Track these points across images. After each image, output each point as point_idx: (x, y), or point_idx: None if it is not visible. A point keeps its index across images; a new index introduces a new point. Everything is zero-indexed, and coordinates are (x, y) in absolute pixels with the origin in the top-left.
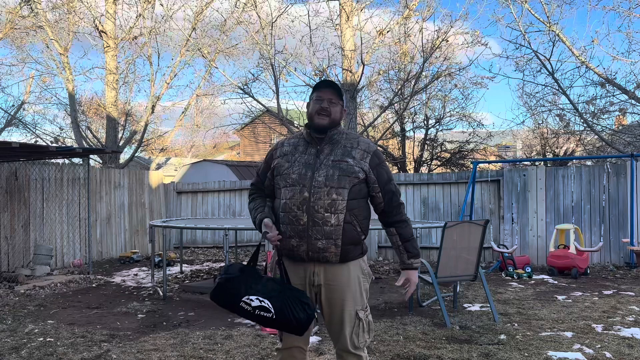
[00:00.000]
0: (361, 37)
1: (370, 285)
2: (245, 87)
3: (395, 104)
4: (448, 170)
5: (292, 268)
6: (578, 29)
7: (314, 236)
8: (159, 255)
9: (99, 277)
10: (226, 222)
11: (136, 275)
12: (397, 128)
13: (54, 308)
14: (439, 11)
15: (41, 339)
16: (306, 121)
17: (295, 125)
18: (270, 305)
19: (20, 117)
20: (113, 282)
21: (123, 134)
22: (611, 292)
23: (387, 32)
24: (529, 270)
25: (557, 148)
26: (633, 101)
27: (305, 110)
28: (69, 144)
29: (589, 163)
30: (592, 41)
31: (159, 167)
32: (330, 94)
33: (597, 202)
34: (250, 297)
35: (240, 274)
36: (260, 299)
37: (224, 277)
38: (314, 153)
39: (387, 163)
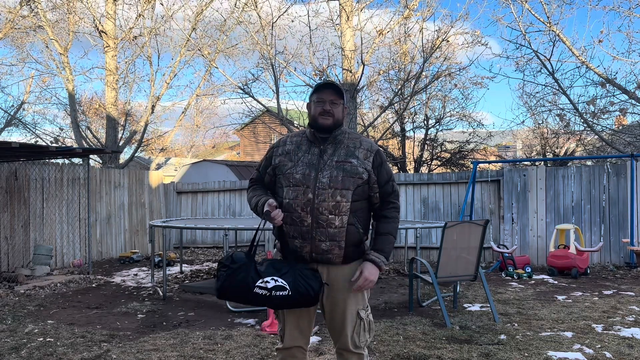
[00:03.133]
0: (361, 37)
1: None
2: (245, 87)
3: (395, 104)
4: (448, 170)
5: None
6: (578, 29)
7: (317, 238)
8: (159, 255)
9: (99, 277)
10: (226, 222)
11: (136, 275)
12: (397, 128)
13: (54, 308)
14: (439, 11)
15: (41, 339)
16: (307, 121)
17: (295, 125)
18: (285, 282)
19: (20, 117)
20: (113, 282)
21: (123, 134)
22: (611, 292)
23: (387, 32)
24: (529, 270)
25: (557, 148)
26: (633, 101)
27: (306, 110)
28: (68, 144)
29: (589, 163)
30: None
31: (159, 167)
32: (331, 94)
33: (597, 202)
34: (266, 280)
35: (248, 261)
36: (275, 278)
37: (234, 267)
38: (317, 153)
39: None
